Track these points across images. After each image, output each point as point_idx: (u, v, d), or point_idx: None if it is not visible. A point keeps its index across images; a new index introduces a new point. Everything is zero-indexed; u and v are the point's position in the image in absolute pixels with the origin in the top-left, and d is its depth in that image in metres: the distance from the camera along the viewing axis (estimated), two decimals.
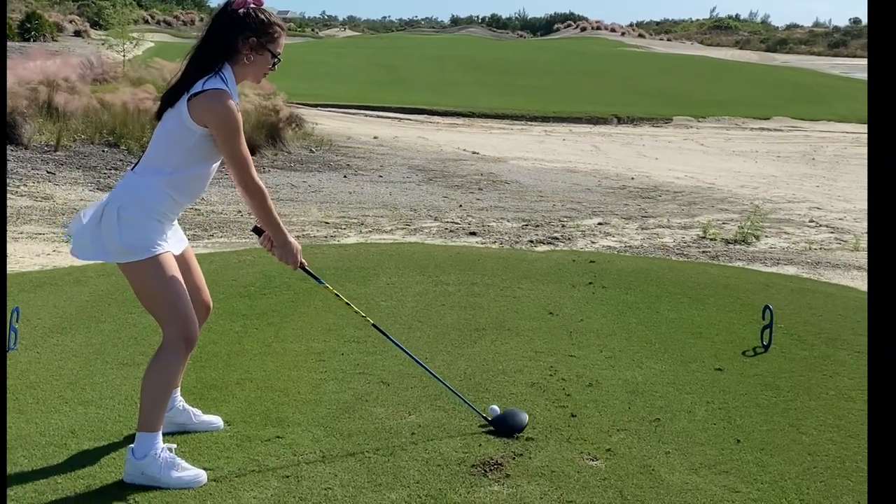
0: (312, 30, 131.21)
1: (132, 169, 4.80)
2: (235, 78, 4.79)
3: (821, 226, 13.85)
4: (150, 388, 4.68)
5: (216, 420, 5.36)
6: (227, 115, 4.64)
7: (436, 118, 30.95)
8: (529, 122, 31.28)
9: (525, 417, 5.49)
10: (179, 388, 5.28)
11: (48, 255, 10.01)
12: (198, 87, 4.65)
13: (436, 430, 5.36)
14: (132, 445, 4.68)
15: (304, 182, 15.84)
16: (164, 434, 4.85)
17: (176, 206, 4.79)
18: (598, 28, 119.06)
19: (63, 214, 12.04)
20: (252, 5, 4.78)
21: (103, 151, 16.62)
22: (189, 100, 4.63)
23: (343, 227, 12.29)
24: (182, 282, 4.75)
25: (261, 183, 4.81)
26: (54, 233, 11.06)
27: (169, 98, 4.75)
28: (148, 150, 4.81)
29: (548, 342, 7.08)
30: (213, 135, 4.67)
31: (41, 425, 5.26)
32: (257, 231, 5.08)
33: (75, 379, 6.03)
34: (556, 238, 11.96)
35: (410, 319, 7.56)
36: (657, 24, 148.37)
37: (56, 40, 51.51)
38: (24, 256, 9.76)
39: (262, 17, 4.79)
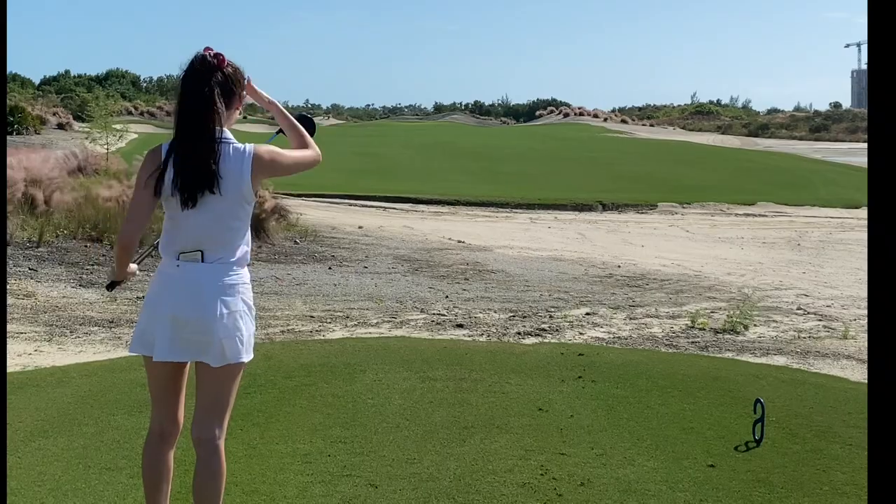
0: None
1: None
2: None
3: (809, 313, 13.80)
4: None
5: None
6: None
7: (421, 207, 30.97)
8: (514, 210, 31.31)
9: None
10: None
11: (29, 354, 9.90)
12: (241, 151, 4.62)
13: None
14: None
15: (288, 275, 15.77)
16: None
17: None
18: (581, 114, 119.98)
19: (45, 312, 11.93)
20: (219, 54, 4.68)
21: (86, 247, 16.55)
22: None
23: (328, 320, 12.19)
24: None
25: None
26: (36, 332, 10.95)
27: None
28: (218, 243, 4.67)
29: (538, 440, 6.98)
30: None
31: None
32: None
33: (57, 485, 5.92)
34: (544, 329, 11.87)
35: (398, 418, 7.45)
36: (639, 109, 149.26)
37: (39, 133, 51.71)
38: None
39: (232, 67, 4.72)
